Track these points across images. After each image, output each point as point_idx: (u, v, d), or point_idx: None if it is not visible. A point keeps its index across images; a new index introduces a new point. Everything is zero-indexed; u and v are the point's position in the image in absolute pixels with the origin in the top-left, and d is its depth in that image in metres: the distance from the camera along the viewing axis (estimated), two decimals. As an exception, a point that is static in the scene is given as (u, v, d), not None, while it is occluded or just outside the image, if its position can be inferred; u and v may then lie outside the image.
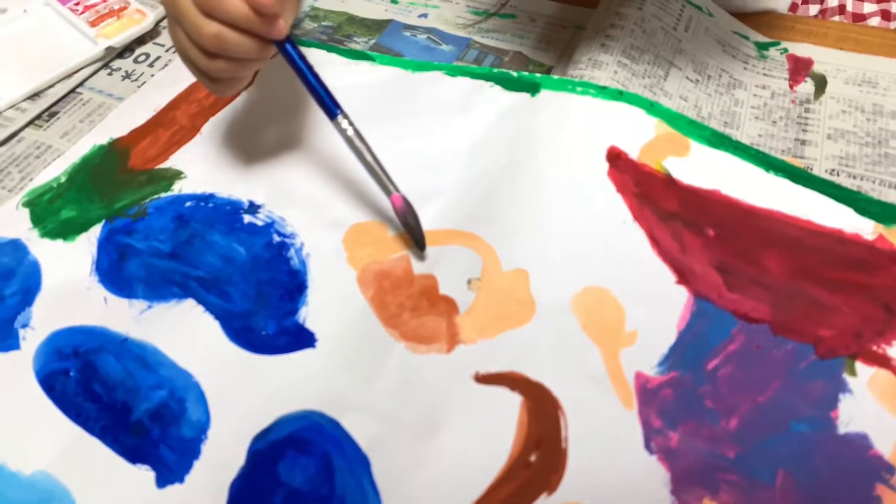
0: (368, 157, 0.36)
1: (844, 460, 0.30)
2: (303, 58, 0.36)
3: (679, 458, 0.30)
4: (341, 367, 0.33)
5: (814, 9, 0.82)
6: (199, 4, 0.33)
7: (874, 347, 0.33)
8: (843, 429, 0.31)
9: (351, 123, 0.36)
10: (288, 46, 0.36)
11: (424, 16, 0.54)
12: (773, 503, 0.29)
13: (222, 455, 0.31)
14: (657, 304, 0.34)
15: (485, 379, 0.32)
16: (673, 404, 0.31)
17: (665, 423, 0.31)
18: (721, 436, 0.30)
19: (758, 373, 0.32)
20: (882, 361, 0.32)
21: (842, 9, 0.81)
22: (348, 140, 0.36)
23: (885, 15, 0.81)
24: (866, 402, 0.31)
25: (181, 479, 0.31)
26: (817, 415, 0.31)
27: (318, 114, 0.44)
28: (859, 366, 0.32)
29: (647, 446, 0.30)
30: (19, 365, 0.35)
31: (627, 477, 0.29)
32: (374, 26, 0.53)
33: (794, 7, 0.81)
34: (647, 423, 0.31)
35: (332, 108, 0.36)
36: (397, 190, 0.36)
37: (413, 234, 0.37)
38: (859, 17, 0.82)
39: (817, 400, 0.32)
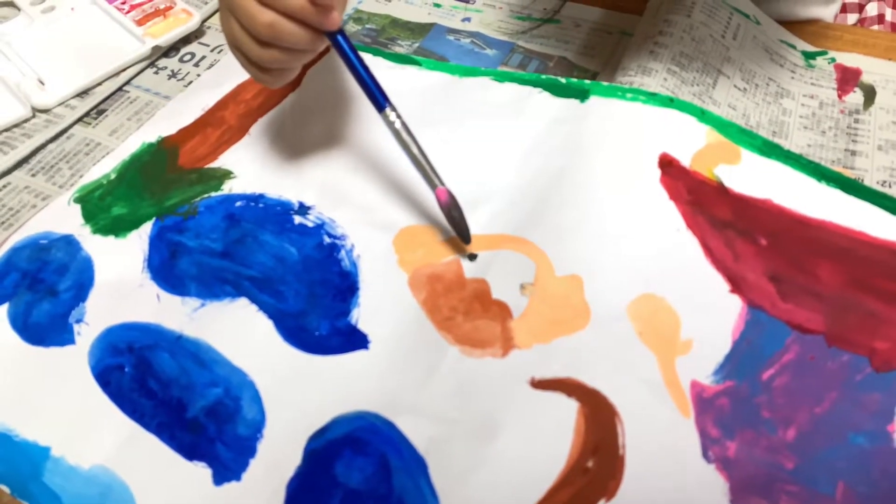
0: (415, 150, 0.37)
1: (904, 474, 0.30)
2: (354, 50, 0.37)
3: (737, 467, 0.30)
4: (395, 369, 0.33)
5: (852, 18, 0.81)
6: None
7: (930, 360, 0.33)
8: (901, 442, 0.30)
9: (399, 116, 0.37)
10: (340, 38, 0.36)
11: (468, 20, 0.54)
12: (833, 515, 0.29)
13: (279, 454, 0.31)
14: (711, 313, 0.34)
15: (541, 384, 0.32)
16: (730, 414, 0.31)
17: (722, 433, 0.31)
18: (779, 446, 0.30)
19: (813, 384, 0.32)
20: (938, 375, 0.32)
21: (881, 18, 0.81)
22: (396, 133, 0.37)
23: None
24: (924, 416, 0.31)
25: (238, 477, 0.31)
26: (875, 427, 0.31)
27: (366, 116, 0.45)
28: (915, 379, 0.32)
29: (705, 455, 0.30)
30: (75, 359, 0.36)
31: (685, 486, 0.29)
32: (418, 29, 0.53)
33: (833, 17, 0.80)
34: (704, 432, 0.31)
35: (381, 100, 0.37)
36: (442, 183, 0.37)
37: (457, 228, 0.37)
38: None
39: (874, 412, 0.31)
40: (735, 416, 0.31)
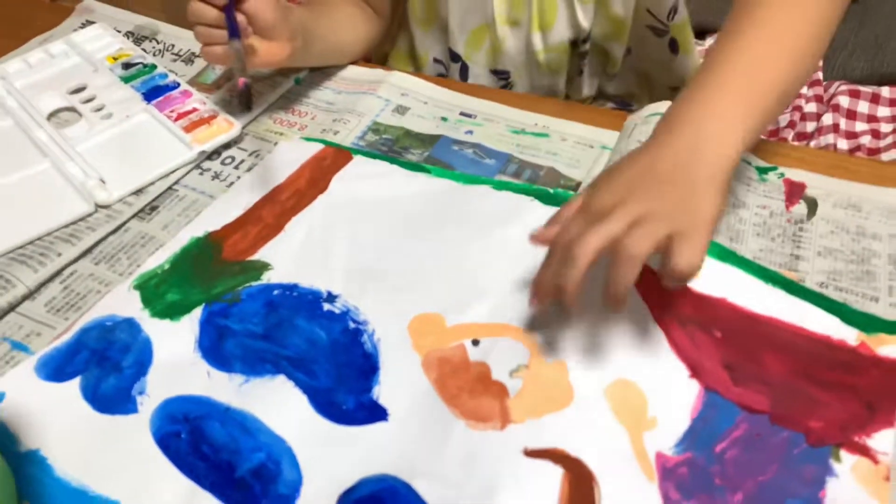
0: (237, 46, 0.53)
1: (831, 534, 0.36)
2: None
3: (694, 525, 0.36)
4: (411, 438, 0.40)
5: (811, 125, 0.91)
6: None
7: (856, 438, 0.39)
8: (830, 507, 0.37)
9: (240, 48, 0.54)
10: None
11: (470, 132, 0.62)
12: (771, 567, 0.35)
13: (314, 509, 0.38)
14: (674, 395, 0.41)
15: (533, 454, 0.39)
16: (688, 480, 0.38)
17: (682, 496, 0.37)
18: (728, 508, 0.37)
19: (759, 456, 0.39)
20: (863, 451, 0.39)
21: (836, 127, 0.91)
22: (237, 52, 0.53)
23: (875, 134, 0.91)
24: (850, 486, 0.38)
25: (280, 529, 0.37)
26: (809, 494, 0.38)
27: (383, 219, 0.53)
28: (843, 454, 0.39)
29: (668, 515, 0.37)
30: (138, 426, 0.42)
31: (651, 540, 0.36)
32: (428, 140, 0.62)
33: (791, 123, 0.91)
34: (666, 495, 0.37)
35: (233, 31, 0.53)
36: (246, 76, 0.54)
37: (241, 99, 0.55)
38: (852, 135, 0.92)
39: (809, 482, 0.38)
40: (693, 482, 0.38)
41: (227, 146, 0.62)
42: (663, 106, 0.58)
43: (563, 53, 0.69)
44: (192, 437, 0.41)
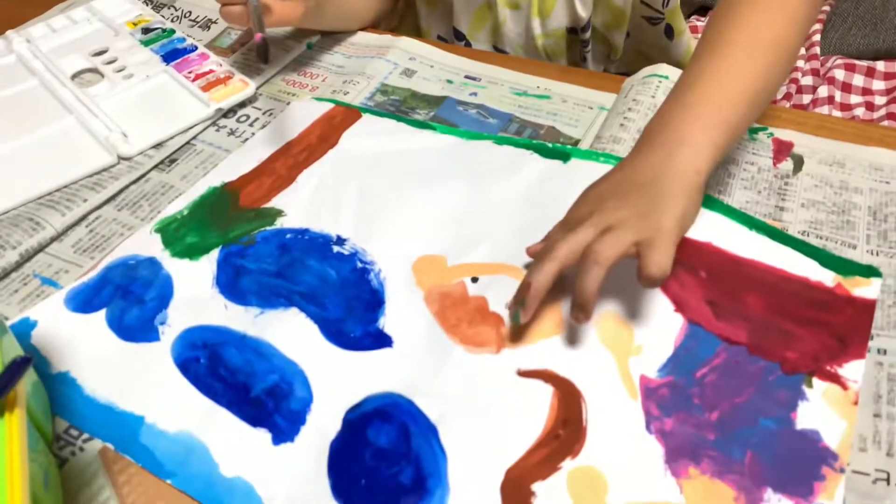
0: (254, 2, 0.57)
1: (800, 448, 0.39)
2: None
3: (672, 438, 0.39)
4: (413, 362, 0.43)
5: (807, 98, 0.94)
6: None
7: (828, 367, 0.42)
8: (800, 426, 0.40)
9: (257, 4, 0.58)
10: None
11: (474, 94, 0.65)
12: (742, 474, 0.38)
13: (323, 422, 0.41)
14: (660, 326, 0.44)
15: (525, 374, 0.42)
16: (669, 400, 0.41)
17: (662, 413, 0.40)
18: (705, 424, 0.40)
19: (735, 382, 0.42)
20: (833, 378, 0.42)
21: (831, 99, 0.93)
22: (255, 9, 0.57)
23: (869, 106, 0.93)
24: (819, 408, 0.41)
25: (292, 440, 0.41)
26: (781, 414, 0.40)
27: (387, 171, 0.56)
28: (815, 381, 0.42)
29: (648, 428, 0.40)
30: (160, 353, 0.46)
31: (632, 450, 0.39)
32: (433, 101, 0.65)
33: (787, 95, 0.93)
34: (648, 411, 0.40)
35: None
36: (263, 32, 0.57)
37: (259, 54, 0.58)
38: (846, 107, 0.94)
39: (781, 404, 0.41)
40: (672, 401, 0.41)
41: (242, 105, 0.65)
42: (659, 68, 0.61)
43: (560, 39, 0.72)
44: (210, 361, 0.45)
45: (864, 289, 0.46)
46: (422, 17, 0.77)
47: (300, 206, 0.54)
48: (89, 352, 0.46)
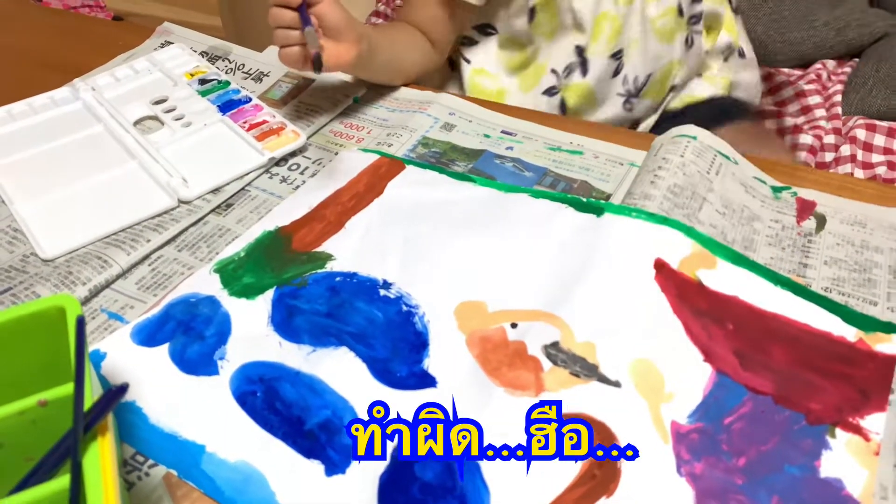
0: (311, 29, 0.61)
1: (824, 496, 0.41)
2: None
3: (701, 481, 0.42)
4: (456, 402, 0.46)
5: (829, 156, 0.97)
6: None
7: (851, 419, 0.45)
8: (823, 474, 0.42)
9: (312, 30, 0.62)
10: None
11: (511, 148, 0.69)
12: (769, 519, 0.40)
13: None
14: (689, 375, 0.47)
15: (564, 416, 0.45)
16: (699, 444, 0.43)
17: (692, 457, 0.43)
18: (733, 469, 0.42)
19: (762, 430, 0.44)
20: (856, 430, 0.44)
21: (853, 158, 0.96)
22: (310, 35, 0.61)
23: (891, 165, 0.96)
24: (842, 457, 0.43)
25: (343, 472, 0.43)
26: (805, 462, 0.43)
27: (429, 220, 0.59)
28: (839, 431, 0.44)
29: (679, 471, 0.42)
30: (220, 386, 0.49)
31: (664, 491, 0.41)
32: (472, 154, 0.69)
33: (812, 150, 0.96)
34: (679, 455, 0.43)
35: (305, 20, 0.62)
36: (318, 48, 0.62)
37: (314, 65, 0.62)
38: (868, 166, 0.97)
39: (806, 452, 0.43)
40: (702, 446, 0.43)
41: (293, 154, 0.69)
42: (687, 129, 0.64)
43: (673, 15, 0.77)
44: (266, 395, 0.48)
45: (886, 345, 0.48)
46: (540, 53, 0.81)
47: (349, 251, 0.58)
48: (153, 383, 0.49)
